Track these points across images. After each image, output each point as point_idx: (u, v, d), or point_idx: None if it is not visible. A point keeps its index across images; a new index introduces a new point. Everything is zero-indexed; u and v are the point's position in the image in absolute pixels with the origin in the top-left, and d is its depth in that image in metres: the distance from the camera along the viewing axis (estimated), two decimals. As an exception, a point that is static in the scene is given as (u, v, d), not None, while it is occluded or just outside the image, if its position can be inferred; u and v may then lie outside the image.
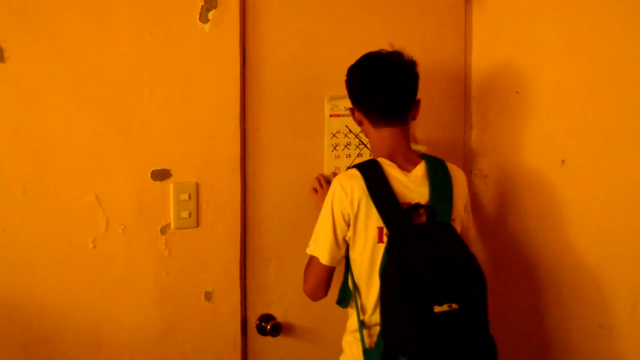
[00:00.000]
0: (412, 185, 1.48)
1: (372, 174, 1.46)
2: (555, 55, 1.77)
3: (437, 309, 1.32)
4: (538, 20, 1.82)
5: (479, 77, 2.06)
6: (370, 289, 1.48)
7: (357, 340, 1.50)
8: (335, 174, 1.72)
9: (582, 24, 1.69)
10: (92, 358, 1.53)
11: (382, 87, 1.51)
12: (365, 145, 1.87)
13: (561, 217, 1.76)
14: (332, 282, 1.56)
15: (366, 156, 1.90)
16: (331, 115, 1.83)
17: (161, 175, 1.59)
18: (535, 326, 1.85)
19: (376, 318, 1.46)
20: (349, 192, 1.45)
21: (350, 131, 1.86)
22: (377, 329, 1.46)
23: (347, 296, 1.56)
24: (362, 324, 1.49)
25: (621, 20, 1.58)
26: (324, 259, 1.48)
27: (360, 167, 1.49)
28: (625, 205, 1.58)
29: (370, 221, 1.45)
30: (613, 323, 1.62)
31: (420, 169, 1.52)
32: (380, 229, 1.45)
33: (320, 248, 1.49)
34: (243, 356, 1.74)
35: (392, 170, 1.48)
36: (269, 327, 1.73)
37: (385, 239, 1.44)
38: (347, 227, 1.47)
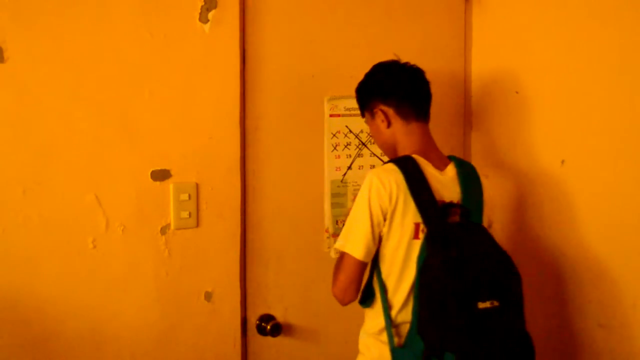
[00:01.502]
0: (445, 183, 1.48)
1: (410, 169, 1.44)
2: (554, 56, 1.77)
3: (480, 305, 1.32)
4: (538, 21, 1.82)
5: (479, 78, 2.06)
6: (400, 287, 1.46)
7: (379, 342, 1.47)
8: None
9: (581, 25, 1.69)
10: (92, 358, 1.53)
11: (414, 78, 1.56)
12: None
13: (561, 217, 1.76)
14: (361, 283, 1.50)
15: (367, 156, 1.90)
16: (331, 115, 1.83)
17: (161, 175, 1.59)
18: (535, 325, 1.85)
19: (403, 316, 1.45)
20: (388, 186, 1.42)
21: (351, 131, 1.86)
22: (406, 327, 1.44)
23: (372, 295, 1.52)
24: (390, 323, 1.46)
25: (620, 21, 1.58)
26: (359, 253, 1.43)
27: (397, 162, 1.47)
28: (625, 205, 1.58)
29: (407, 217, 1.43)
30: (613, 323, 1.62)
31: (452, 169, 1.52)
32: (417, 225, 1.43)
33: (354, 243, 1.44)
34: (243, 356, 1.74)
35: (427, 167, 1.48)
36: (269, 327, 1.73)
37: (421, 235, 1.43)
38: (384, 222, 1.44)
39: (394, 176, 1.43)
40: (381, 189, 1.42)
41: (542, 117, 1.82)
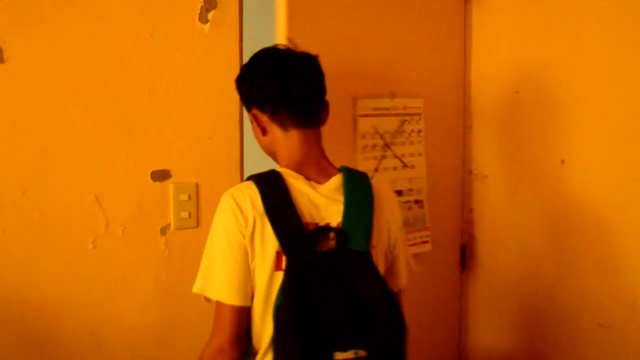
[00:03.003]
0: (322, 201, 1.23)
1: (269, 186, 1.21)
2: (554, 56, 1.77)
3: (338, 356, 1.10)
4: (537, 21, 1.83)
5: (479, 77, 2.06)
6: (264, 327, 1.21)
7: None
8: None
9: (581, 25, 1.69)
10: (92, 358, 1.53)
11: (292, 78, 1.27)
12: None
13: (561, 216, 1.76)
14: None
15: (390, 158, 1.87)
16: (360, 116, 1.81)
17: (161, 175, 1.59)
18: (535, 325, 1.85)
19: None
20: (243, 205, 1.19)
21: (377, 132, 1.84)
22: None
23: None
24: None
25: (620, 21, 1.59)
26: (231, 297, 1.19)
27: (256, 178, 1.23)
28: (625, 205, 1.58)
29: (267, 243, 1.19)
30: (613, 323, 1.62)
31: (335, 182, 1.25)
32: (278, 254, 1.18)
33: (219, 283, 1.20)
34: (243, 356, 1.73)
35: (296, 182, 1.23)
36: (268, 327, 1.72)
37: (284, 266, 1.18)
38: (247, 248, 1.20)
39: (249, 195, 1.20)
40: (236, 210, 1.19)
41: (542, 117, 1.82)
